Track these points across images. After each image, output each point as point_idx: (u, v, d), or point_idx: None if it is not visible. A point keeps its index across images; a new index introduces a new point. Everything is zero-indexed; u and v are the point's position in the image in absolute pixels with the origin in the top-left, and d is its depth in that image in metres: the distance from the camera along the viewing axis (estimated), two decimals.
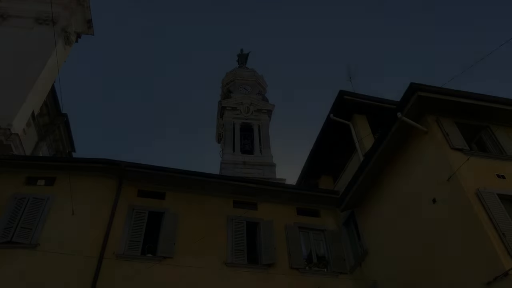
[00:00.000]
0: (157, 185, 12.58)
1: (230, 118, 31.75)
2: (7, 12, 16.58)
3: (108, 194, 11.86)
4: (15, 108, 13.28)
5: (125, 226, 11.39)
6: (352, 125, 13.76)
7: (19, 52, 15.15)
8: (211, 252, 11.42)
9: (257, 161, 28.83)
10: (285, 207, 13.36)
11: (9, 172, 11.74)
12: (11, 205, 10.99)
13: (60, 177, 11.84)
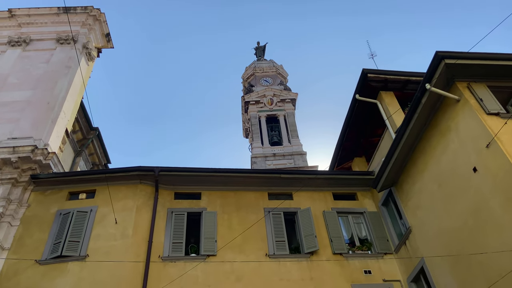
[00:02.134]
0: (192, 186, 12.81)
1: (255, 112, 31.82)
2: (29, 37, 17.17)
3: (147, 200, 12.18)
4: (49, 128, 13.78)
5: (167, 229, 11.67)
6: (379, 103, 13.48)
7: (45, 73, 15.68)
8: (252, 246, 11.54)
9: (287, 152, 28.79)
10: (321, 193, 13.30)
11: (52, 189, 12.26)
12: (57, 221, 11.48)
13: (99, 189, 12.26)
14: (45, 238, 11.11)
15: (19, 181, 12.11)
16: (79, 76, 16.06)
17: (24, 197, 12.03)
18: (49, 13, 17.95)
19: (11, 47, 16.66)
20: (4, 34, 17.35)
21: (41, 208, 11.85)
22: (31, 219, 11.57)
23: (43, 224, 11.43)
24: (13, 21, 17.72)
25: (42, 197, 12.13)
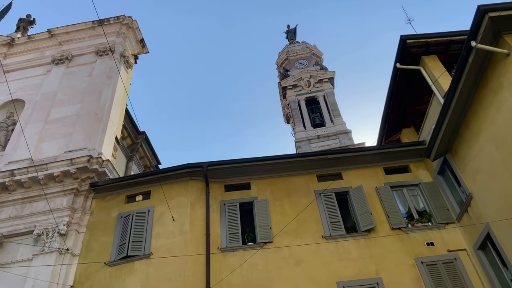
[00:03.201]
0: (240, 177, 12.98)
1: (293, 96, 31.54)
2: (70, 53, 18.02)
3: (199, 195, 12.51)
4: (100, 137, 14.46)
5: (221, 221, 11.94)
6: (422, 69, 12.89)
7: (89, 86, 16.41)
8: (307, 229, 11.55)
9: (330, 132, 28.37)
10: (371, 170, 13.02)
11: (111, 194, 12.91)
12: (120, 224, 12.09)
13: (154, 190, 12.75)
14: (110, 241, 11.75)
15: (80, 191, 12.84)
16: (120, 85, 16.67)
17: (87, 205, 12.75)
18: (85, 28, 18.71)
19: (56, 66, 17.56)
20: (47, 54, 18.32)
21: (103, 214, 12.52)
22: (95, 225, 12.27)
23: (107, 228, 12.08)
24: (54, 40, 18.65)
25: (103, 203, 12.81)
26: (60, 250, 11.27)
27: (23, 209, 12.54)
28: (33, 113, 15.70)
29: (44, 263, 10.97)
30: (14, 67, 17.96)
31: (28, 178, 12.75)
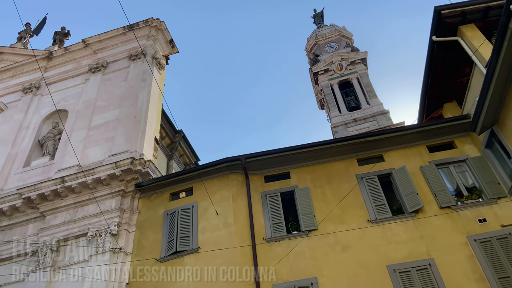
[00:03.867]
0: (279, 167, 12.98)
1: (325, 81, 31.03)
2: (105, 60, 18.62)
3: (240, 188, 12.65)
4: (141, 139, 14.91)
5: (264, 212, 12.03)
6: (460, 39, 12.28)
7: (126, 90, 16.90)
8: (352, 214, 11.42)
9: (367, 114, 27.72)
10: (414, 149, 12.64)
11: (155, 193, 13.32)
12: (166, 221, 12.47)
13: (195, 186, 13.03)
14: (159, 238, 12.14)
15: (126, 192, 13.33)
16: (155, 86, 17.07)
17: (134, 205, 13.23)
18: (117, 34, 19.25)
19: (93, 74, 18.22)
20: (84, 63, 19.03)
21: (150, 212, 12.95)
22: (144, 223, 12.71)
23: (155, 226, 12.49)
24: (88, 49, 19.34)
25: (149, 202, 13.24)
26: (113, 250, 11.78)
27: (76, 213, 13.19)
28: (77, 121, 16.40)
29: (100, 263, 11.52)
30: (55, 79, 18.80)
31: (77, 183, 13.37)
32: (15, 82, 19.52)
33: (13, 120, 17.60)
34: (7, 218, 13.75)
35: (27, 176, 15.11)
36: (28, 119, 17.55)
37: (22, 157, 16.00)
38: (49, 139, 16.68)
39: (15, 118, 17.63)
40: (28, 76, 19.54)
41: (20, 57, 20.49)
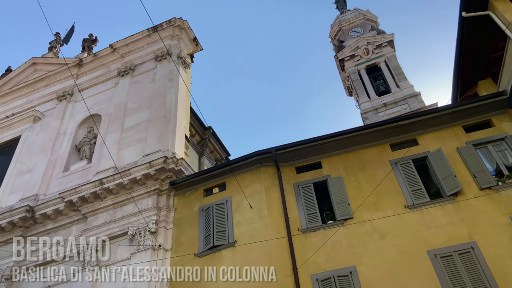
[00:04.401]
0: (310, 157, 12.91)
1: (352, 67, 30.48)
2: (133, 63, 19.04)
3: (272, 181, 12.69)
4: (172, 138, 15.20)
5: (298, 203, 12.02)
6: (492, 13, 11.71)
7: (154, 91, 17.24)
8: (388, 201, 11.22)
9: (398, 97, 27.07)
10: (449, 130, 12.26)
11: (189, 190, 13.58)
12: (202, 217, 12.69)
13: (228, 181, 13.17)
14: (196, 233, 12.38)
15: (162, 190, 13.65)
16: (182, 85, 17.31)
17: (170, 203, 13.54)
18: (142, 36, 19.62)
19: (122, 77, 18.68)
20: (113, 67, 19.54)
21: (185, 209, 13.22)
22: (180, 220, 13.00)
23: (191, 222, 12.74)
24: (116, 54, 19.82)
25: (184, 199, 13.52)
26: (153, 247, 12.13)
27: (115, 213, 13.64)
28: (110, 124, 16.90)
29: (141, 260, 11.89)
30: (87, 85, 19.42)
31: (115, 184, 13.81)
32: (50, 91, 20.31)
33: (50, 128, 18.34)
34: (52, 222, 14.41)
35: (67, 180, 15.74)
36: (65, 125, 18.23)
37: (61, 163, 16.67)
38: (85, 143, 17.27)
39: (52, 126, 18.36)
40: (61, 84, 20.28)
41: (52, 66, 21.29)
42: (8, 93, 21.19)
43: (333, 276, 10.14)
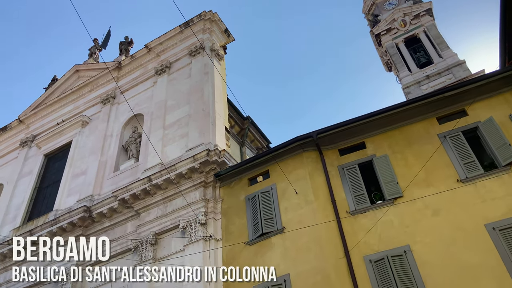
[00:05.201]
0: (353, 138, 12.67)
1: (389, 41, 29.37)
2: (168, 61, 19.42)
3: (315, 165, 12.59)
4: (212, 131, 15.43)
5: (344, 185, 11.85)
6: None
7: (191, 86, 17.51)
8: (438, 176, 10.82)
9: (441, 68, 25.82)
10: (500, 97, 11.60)
11: (234, 180, 13.76)
12: (249, 205, 12.85)
13: (271, 168, 13.23)
14: (244, 222, 12.57)
15: (207, 182, 13.94)
16: (217, 78, 17.45)
17: (216, 194, 13.81)
18: (175, 34, 19.92)
19: (159, 76, 19.12)
20: (150, 67, 20.02)
21: (232, 199, 13.44)
22: (228, 210, 13.23)
23: (238, 211, 12.94)
24: (152, 53, 20.28)
25: (229, 190, 13.73)
26: (204, 238, 12.46)
27: (166, 208, 14.11)
28: (152, 123, 17.40)
29: (194, 251, 12.26)
30: (127, 86, 20.06)
31: (162, 180, 14.26)
32: (94, 95, 21.19)
33: (98, 131, 19.18)
34: (108, 220, 15.15)
35: (118, 179, 16.44)
36: (111, 127, 18.99)
37: (111, 163, 17.42)
38: (131, 143, 17.92)
39: (99, 128, 19.18)
40: (104, 88, 21.09)
41: (94, 71, 22.16)
42: (56, 101, 22.34)
43: (386, 257, 9.96)
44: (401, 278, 9.54)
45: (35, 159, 20.54)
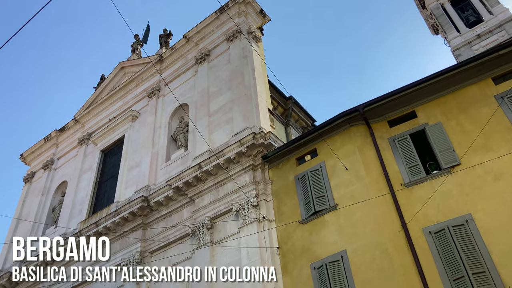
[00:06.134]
0: (402, 108, 12.22)
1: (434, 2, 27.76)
2: (207, 48, 19.58)
3: (364, 139, 12.32)
4: (256, 114, 15.46)
5: (396, 157, 11.53)
6: None
7: (232, 72, 17.58)
8: (499, 140, 10.24)
9: (492, 25, 24.10)
10: None
11: (282, 161, 13.80)
12: (299, 185, 12.87)
13: (318, 146, 13.12)
14: (296, 202, 12.62)
15: (256, 165, 14.09)
16: (257, 60, 17.39)
17: (266, 176, 13.94)
18: (211, 21, 20.01)
19: (200, 65, 19.37)
20: (190, 57, 20.32)
21: (281, 180, 13.50)
22: (278, 192, 13.33)
23: (289, 191, 13.00)
24: (190, 43, 20.54)
25: (278, 171, 13.80)
26: (258, 219, 12.68)
27: (218, 192, 14.48)
28: (197, 111, 17.76)
29: (249, 232, 12.53)
30: (170, 78, 20.55)
31: (212, 166, 14.60)
32: (140, 90, 21.94)
33: (147, 123, 19.90)
34: (165, 208, 15.81)
35: (171, 168, 17.05)
36: (158, 119, 19.62)
37: (162, 154, 18.07)
38: (179, 132, 18.44)
39: (148, 121, 19.89)
40: (148, 82, 21.76)
41: (138, 67, 22.89)
42: (106, 99, 23.40)
43: (447, 227, 9.64)
44: (464, 248, 9.22)
45: (93, 156, 21.78)
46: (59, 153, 24.35)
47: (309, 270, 11.13)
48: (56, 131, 24.90)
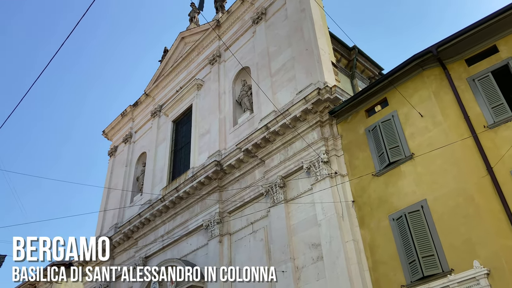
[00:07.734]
0: (482, 43, 11.10)
1: None
2: (263, 7, 19.02)
3: (439, 82, 11.50)
4: (319, 68, 14.96)
5: (477, 98, 10.65)
6: None
7: (290, 28, 17.01)
8: None
9: None
10: None
11: (350, 115, 13.39)
12: (370, 137, 12.48)
13: (388, 95, 12.50)
14: (368, 155, 12.29)
15: (323, 121, 13.83)
16: (315, 12, 16.65)
17: (334, 131, 13.67)
18: None
19: (257, 25, 19.03)
20: (246, 18, 20.02)
21: (351, 134, 13.16)
22: (349, 146, 13.06)
23: (360, 145, 12.68)
24: (246, 3, 20.09)
25: (347, 125, 13.44)
26: (330, 175, 12.61)
27: (287, 152, 14.55)
28: (259, 73, 17.66)
29: (322, 188, 12.55)
30: (230, 42, 20.51)
31: (279, 126, 14.61)
32: (202, 58, 22.29)
33: (211, 91, 20.30)
34: (237, 170, 16.31)
35: (239, 132, 17.41)
36: (222, 85, 19.90)
37: (229, 119, 18.45)
38: (243, 96, 18.60)
39: (212, 88, 20.27)
40: (209, 49, 21.98)
41: (197, 35, 23.16)
42: (171, 70, 24.18)
43: None
44: None
45: (166, 126, 22.94)
46: (135, 127, 26.02)
47: (387, 222, 10.96)
48: (130, 106, 26.50)
